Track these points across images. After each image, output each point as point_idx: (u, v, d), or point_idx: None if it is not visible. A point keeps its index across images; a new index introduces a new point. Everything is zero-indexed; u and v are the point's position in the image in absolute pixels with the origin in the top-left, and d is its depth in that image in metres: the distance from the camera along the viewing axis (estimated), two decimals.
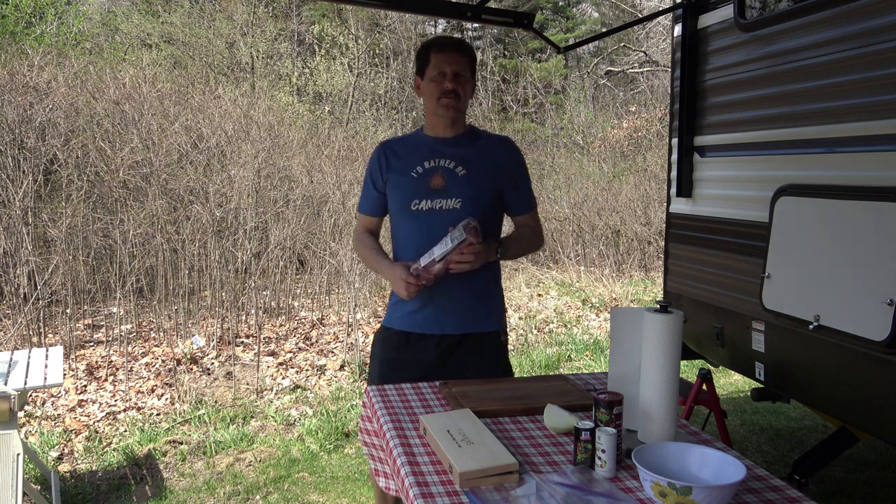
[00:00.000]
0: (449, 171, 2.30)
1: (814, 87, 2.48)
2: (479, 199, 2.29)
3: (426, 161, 2.31)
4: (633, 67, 13.91)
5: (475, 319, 2.36)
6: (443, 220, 2.24)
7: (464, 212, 2.24)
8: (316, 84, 11.92)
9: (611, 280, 8.03)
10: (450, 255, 2.11)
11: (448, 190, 2.28)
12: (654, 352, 1.76)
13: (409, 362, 2.35)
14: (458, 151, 2.32)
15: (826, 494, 3.23)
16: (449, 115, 2.28)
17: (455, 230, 2.12)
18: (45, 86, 6.66)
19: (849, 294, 2.21)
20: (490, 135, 2.45)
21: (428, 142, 2.36)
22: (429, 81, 2.28)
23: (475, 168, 2.31)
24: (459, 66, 2.26)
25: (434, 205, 2.28)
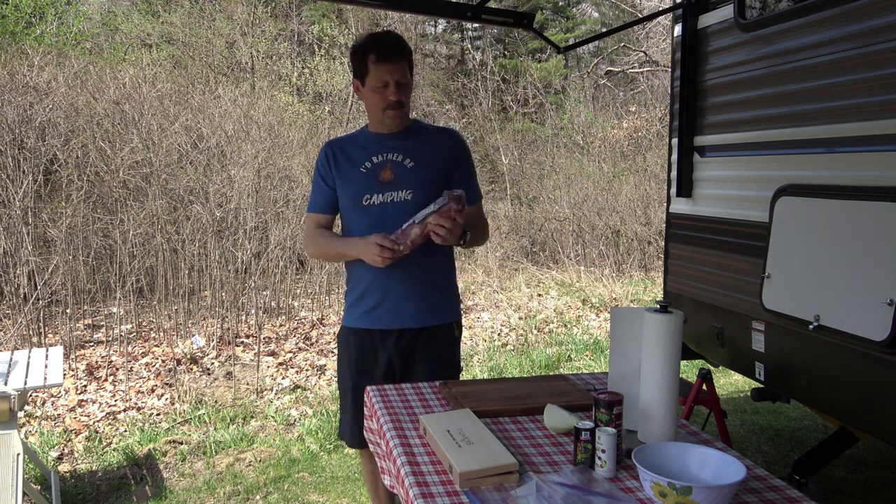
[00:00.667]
0: (397, 163, 2.32)
1: (814, 87, 2.48)
2: (429, 189, 2.30)
3: (374, 156, 2.33)
4: (633, 67, 13.91)
5: (433, 312, 2.39)
6: (395, 213, 2.27)
7: (415, 203, 2.27)
8: (316, 84, 11.92)
9: (611, 280, 8.03)
10: (429, 217, 2.13)
11: (398, 182, 2.29)
12: (654, 352, 1.76)
13: (375, 360, 2.40)
14: (405, 144, 2.35)
15: (826, 494, 3.23)
16: (395, 123, 2.32)
17: (440, 198, 2.15)
18: (45, 86, 6.66)
19: (849, 294, 2.21)
20: (434, 127, 2.49)
21: (374, 138, 2.38)
22: (371, 91, 2.27)
23: (422, 159, 2.33)
24: (400, 73, 2.25)
25: (385, 198, 2.29)
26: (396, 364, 2.40)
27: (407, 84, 2.29)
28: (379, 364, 2.40)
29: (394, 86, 2.24)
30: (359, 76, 2.30)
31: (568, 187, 9.96)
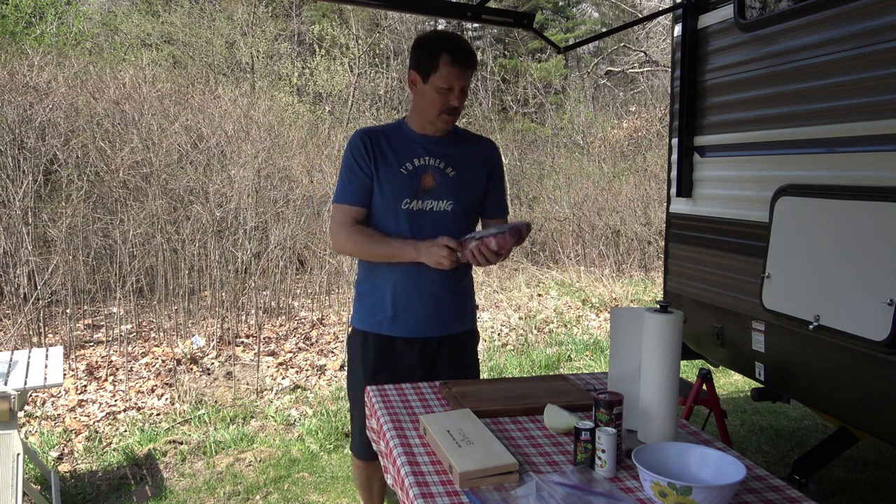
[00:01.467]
0: (439, 170, 2.24)
1: (814, 87, 2.48)
2: (468, 200, 2.27)
3: (416, 158, 2.23)
4: (633, 67, 13.91)
5: (455, 321, 2.36)
6: (432, 222, 2.21)
7: (454, 215, 2.22)
8: (316, 84, 11.92)
9: (611, 280, 8.03)
10: (487, 238, 2.07)
11: (439, 191, 2.22)
12: (654, 352, 1.76)
13: (395, 366, 2.33)
14: (447, 151, 2.26)
15: (826, 494, 3.23)
16: (446, 128, 2.25)
17: (505, 224, 2.16)
18: (45, 86, 6.66)
19: (849, 294, 2.21)
20: (475, 135, 2.42)
21: (415, 137, 2.26)
22: (433, 89, 2.16)
23: (464, 170, 2.27)
24: (467, 81, 2.19)
25: (424, 205, 2.22)
26: (418, 372, 2.34)
27: (466, 94, 2.23)
28: (398, 371, 2.33)
29: (459, 91, 2.17)
30: (423, 71, 2.17)
31: (568, 187, 9.96)
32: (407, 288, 2.25)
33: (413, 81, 2.21)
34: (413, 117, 2.27)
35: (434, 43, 2.17)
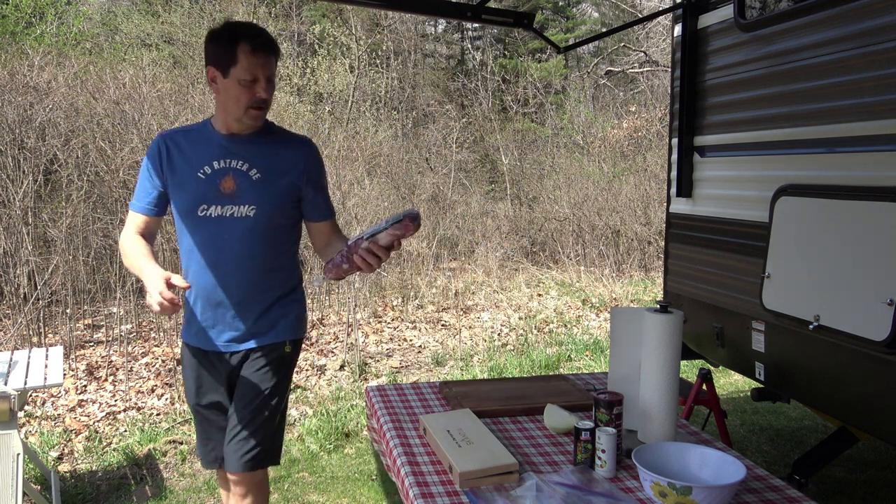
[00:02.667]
0: (241, 173, 2.05)
1: (814, 87, 2.48)
2: (276, 206, 2.08)
3: (215, 161, 2.05)
4: (633, 67, 13.91)
5: (268, 330, 2.15)
6: (234, 229, 2.05)
7: (258, 220, 2.05)
8: (316, 84, 11.92)
9: (611, 280, 8.03)
10: (379, 234, 1.86)
11: (240, 195, 2.04)
12: (654, 352, 1.76)
13: (211, 380, 2.20)
14: (252, 151, 2.07)
15: (826, 494, 3.23)
16: (256, 124, 2.06)
17: (394, 214, 1.93)
18: (45, 86, 6.66)
19: (849, 294, 2.21)
20: (286, 132, 2.20)
21: (217, 139, 2.08)
22: (236, 84, 1.97)
23: (270, 171, 2.08)
24: (271, 69, 2.01)
25: (224, 211, 2.04)
26: (230, 387, 2.20)
27: (274, 82, 2.05)
28: (216, 386, 2.19)
29: (264, 82, 1.98)
30: (222, 65, 1.97)
31: (568, 187, 9.96)
32: (215, 294, 2.10)
33: (213, 78, 2.01)
34: (217, 117, 2.09)
35: (230, 33, 1.98)
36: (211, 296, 2.10)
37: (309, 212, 2.18)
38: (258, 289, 2.11)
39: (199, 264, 2.08)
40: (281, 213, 2.09)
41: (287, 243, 2.17)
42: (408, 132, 12.10)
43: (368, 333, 5.99)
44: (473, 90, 14.13)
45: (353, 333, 5.61)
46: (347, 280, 6.82)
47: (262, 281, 2.11)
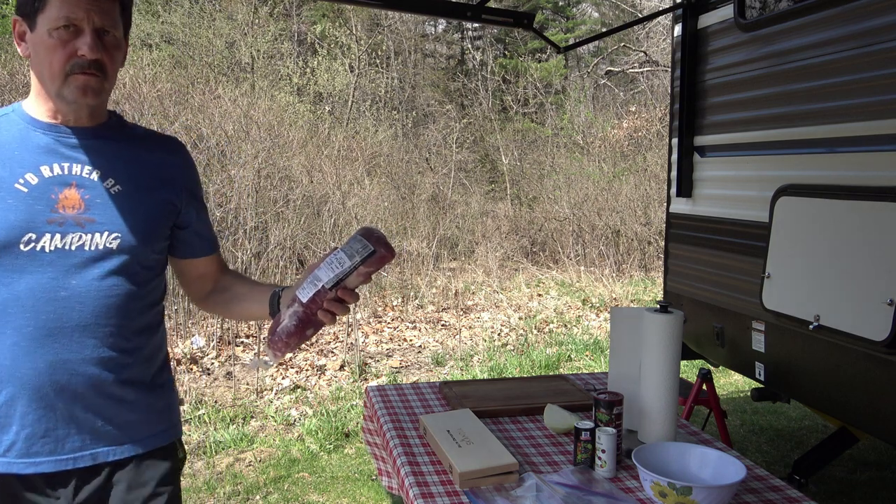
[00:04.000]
0: (92, 184, 1.32)
1: (814, 87, 2.48)
2: (147, 234, 1.37)
3: (44, 164, 1.30)
4: (633, 67, 13.91)
5: (139, 432, 1.39)
6: (85, 272, 1.30)
7: (124, 256, 1.33)
8: (316, 84, 11.93)
9: (611, 280, 8.03)
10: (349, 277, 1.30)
11: (93, 218, 1.31)
12: (654, 352, 1.76)
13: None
14: (105, 151, 1.36)
15: (826, 494, 3.23)
16: (85, 102, 1.31)
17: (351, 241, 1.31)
18: None
19: (849, 294, 2.21)
20: (148, 130, 1.50)
21: (44, 129, 1.33)
22: (47, 36, 1.27)
23: (137, 182, 1.37)
24: (106, 17, 1.29)
25: (67, 242, 1.29)
26: None
27: (116, 42, 1.32)
28: None
29: (91, 34, 1.26)
30: (28, 14, 1.28)
31: (568, 187, 9.97)
32: (35, 387, 1.28)
33: (20, 36, 1.32)
34: (33, 99, 1.36)
35: None
36: (41, 388, 1.28)
37: (188, 244, 1.48)
38: (124, 367, 1.35)
39: (19, 334, 1.26)
40: (153, 246, 1.39)
41: (158, 292, 1.44)
42: (408, 132, 12.10)
43: (368, 333, 5.99)
44: (473, 90, 14.13)
45: (353, 333, 5.62)
46: None
47: (129, 353, 1.36)
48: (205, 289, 1.55)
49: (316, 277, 1.29)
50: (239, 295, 1.52)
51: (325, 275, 1.28)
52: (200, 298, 1.57)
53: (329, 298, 1.28)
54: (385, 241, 1.28)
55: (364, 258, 1.27)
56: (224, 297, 1.54)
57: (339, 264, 1.27)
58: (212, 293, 1.55)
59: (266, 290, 1.46)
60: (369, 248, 1.26)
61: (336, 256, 1.28)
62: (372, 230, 1.29)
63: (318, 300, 1.28)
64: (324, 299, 1.28)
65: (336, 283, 1.27)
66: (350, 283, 1.29)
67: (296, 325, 1.30)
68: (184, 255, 1.50)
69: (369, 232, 1.29)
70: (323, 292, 1.28)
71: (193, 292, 1.57)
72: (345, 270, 1.27)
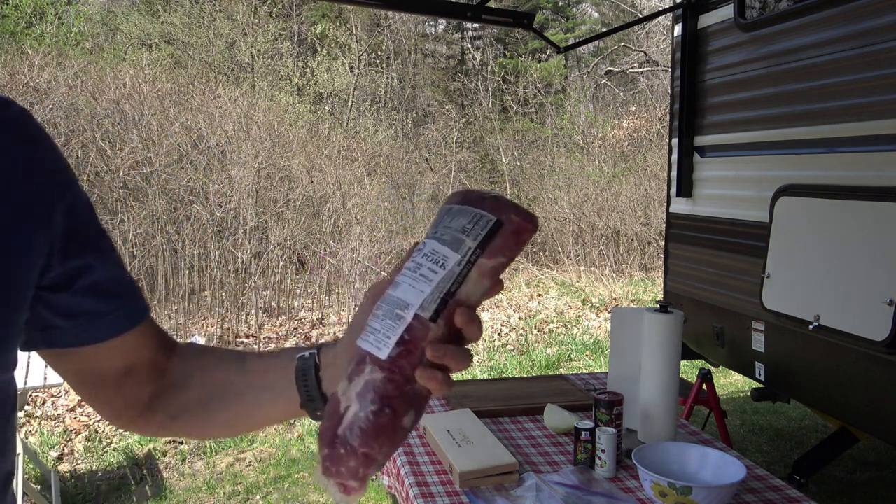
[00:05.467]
0: None
1: (814, 87, 2.48)
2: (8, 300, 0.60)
3: None
4: (633, 67, 13.91)
5: None
6: None
7: None
8: (316, 84, 11.93)
9: (611, 280, 8.03)
10: (460, 282, 0.61)
11: None
12: (654, 352, 1.76)
13: None
14: None
15: (826, 494, 3.23)
16: None
17: (446, 219, 0.64)
18: (46, 86, 6.66)
19: (849, 294, 2.21)
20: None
21: None
22: None
23: None
24: None
25: None
26: None
27: None
28: None
29: None
30: None
31: (568, 187, 9.96)
32: None
33: None
34: None
35: None
36: None
37: (77, 320, 0.69)
38: None
39: None
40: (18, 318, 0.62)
41: (11, 403, 0.66)
42: (408, 132, 12.10)
43: None
44: (473, 90, 14.13)
45: None
46: (347, 280, 6.79)
47: None
48: (138, 396, 0.77)
49: (396, 304, 0.62)
50: (224, 387, 0.76)
51: (414, 294, 0.61)
52: (137, 414, 0.78)
53: (433, 339, 0.60)
54: (514, 205, 0.65)
55: (484, 239, 0.62)
56: (189, 402, 0.77)
57: (436, 265, 0.62)
58: (158, 399, 0.77)
59: (281, 363, 0.73)
60: (490, 220, 0.62)
61: (425, 254, 0.63)
62: (478, 192, 0.66)
63: (412, 348, 0.61)
64: (423, 342, 0.60)
65: (440, 302, 0.61)
66: (468, 296, 0.62)
67: (378, 412, 0.62)
68: (71, 343, 0.70)
69: (477, 196, 0.64)
70: (418, 328, 0.61)
71: (115, 406, 0.78)
72: (453, 274, 0.61)
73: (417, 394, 0.62)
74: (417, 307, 0.60)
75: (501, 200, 0.64)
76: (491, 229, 0.61)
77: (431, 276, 0.61)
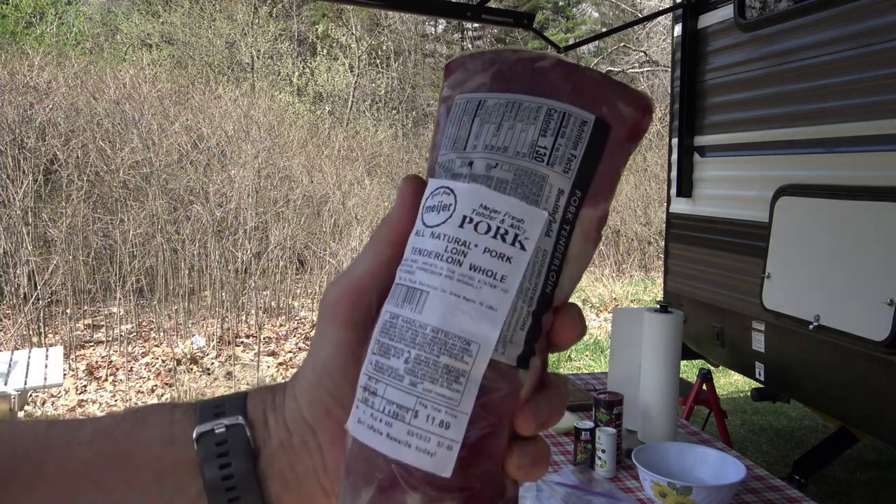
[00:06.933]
0: None
1: (814, 87, 2.48)
2: None
3: None
4: (633, 67, 13.91)
5: None
6: None
7: None
8: (316, 84, 11.93)
9: (611, 280, 8.03)
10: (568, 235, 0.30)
11: None
12: (654, 352, 1.76)
13: None
14: None
15: (826, 494, 3.23)
16: None
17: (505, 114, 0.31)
18: (46, 86, 6.66)
19: (849, 294, 2.21)
20: None
21: None
22: None
23: None
24: None
25: None
26: None
27: None
28: None
29: None
30: None
31: None
32: None
33: None
34: None
35: None
36: None
37: None
38: None
39: None
40: None
41: None
42: (408, 132, 12.10)
43: None
44: None
45: None
46: None
47: None
48: None
49: (437, 344, 0.29)
50: None
51: (475, 316, 0.29)
52: None
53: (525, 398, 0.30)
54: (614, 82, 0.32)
55: (584, 164, 0.30)
56: None
57: (503, 242, 0.29)
58: None
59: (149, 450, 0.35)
60: (586, 122, 0.30)
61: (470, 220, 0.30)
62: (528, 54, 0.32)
63: (494, 434, 0.29)
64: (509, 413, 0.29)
65: (533, 322, 0.30)
66: (566, 286, 0.31)
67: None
68: None
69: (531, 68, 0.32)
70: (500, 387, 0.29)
71: None
72: (543, 255, 0.30)
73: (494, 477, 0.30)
74: (493, 347, 0.29)
75: (588, 75, 0.32)
76: (592, 142, 0.30)
77: (502, 269, 0.29)
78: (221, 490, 0.33)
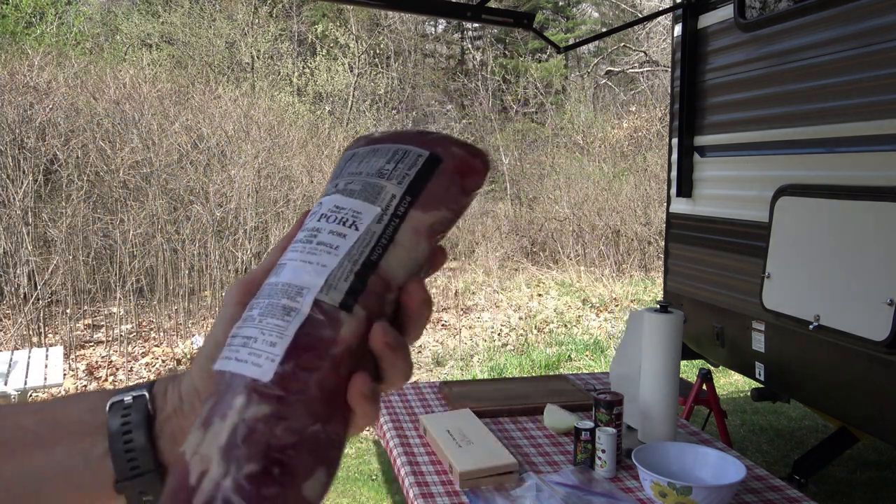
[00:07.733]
0: None
1: (814, 87, 2.48)
2: None
3: None
4: (633, 67, 13.91)
5: None
6: None
7: None
8: (316, 84, 11.93)
9: (611, 280, 8.03)
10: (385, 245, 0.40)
11: None
12: (654, 352, 1.76)
13: None
14: None
15: (826, 494, 3.23)
16: None
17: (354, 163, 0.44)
18: (46, 86, 6.66)
19: (849, 294, 2.21)
20: None
21: None
22: None
23: None
24: None
25: None
26: None
27: None
28: None
29: None
30: None
31: (568, 187, 9.96)
32: None
33: None
34: None
35: None
36: None
37: None
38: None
39: None
40: None
41: None
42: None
43: None
44: (473, 90, 14.13)
45: None
46: None
47: None
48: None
49: (282, 292, 0.39)
50: None
51: (310, 272, 0.39)
52: None
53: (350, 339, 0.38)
54: (452, 138, 0.44)
55: (415, 181, 0.41)
56: None
57: (343, 226, 0.40)
58: None
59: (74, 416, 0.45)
60: (421, 155, 0.42)
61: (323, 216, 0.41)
62: (394, 131, 0.47)
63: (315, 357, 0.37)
64: (333, 346, 0.37)
65: (356, 278, 0.38)
66: (398, 267, 0.40)
67: (262, 476, 0.34)
68: None
69: (395, 134, 0.45)
70: (323, 323, 0.37)
71: None
72: (371, 235, 0.40)
73: (328, 437, 0.36)
74: (318, 290, 0.37)
75: (433, 133, 0.43)
76: (424, 167, 0.41)
77: (337, 241, 0.39)
78: (121, 442, 0.42)
